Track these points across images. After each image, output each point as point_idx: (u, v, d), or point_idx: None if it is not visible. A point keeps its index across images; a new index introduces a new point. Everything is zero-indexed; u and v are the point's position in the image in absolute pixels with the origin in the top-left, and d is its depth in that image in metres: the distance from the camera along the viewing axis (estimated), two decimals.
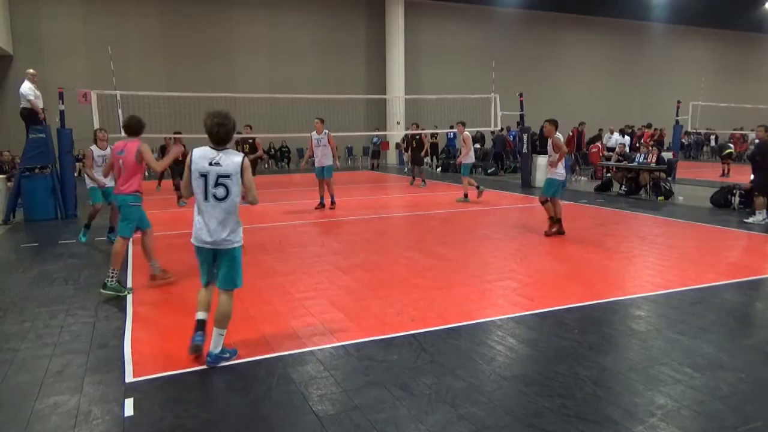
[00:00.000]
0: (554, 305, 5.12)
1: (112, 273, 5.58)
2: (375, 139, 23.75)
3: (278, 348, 4.19)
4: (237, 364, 3.93)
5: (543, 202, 8.54)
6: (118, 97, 12.51)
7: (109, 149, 8.05)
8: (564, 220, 8.63)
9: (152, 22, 21.57)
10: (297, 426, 3.14)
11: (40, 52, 19.68)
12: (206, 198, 3.82)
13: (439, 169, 21.29)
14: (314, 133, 11.43)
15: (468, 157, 12.37)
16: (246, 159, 3.98)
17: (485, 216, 10.57)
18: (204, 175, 3.82)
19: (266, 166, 19.09)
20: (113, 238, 7.71)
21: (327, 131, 11.35)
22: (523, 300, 5.33)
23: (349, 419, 3.18)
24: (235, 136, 12.72)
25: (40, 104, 10.73)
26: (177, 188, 12.22)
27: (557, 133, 8.44)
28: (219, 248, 3.87)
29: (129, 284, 6.03)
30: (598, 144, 18.44)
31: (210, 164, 3.83)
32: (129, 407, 3.34)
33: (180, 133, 13.40)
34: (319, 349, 4.17)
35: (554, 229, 8.46)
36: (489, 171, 19.46)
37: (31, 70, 10.93)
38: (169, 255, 7.47)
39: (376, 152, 23.85)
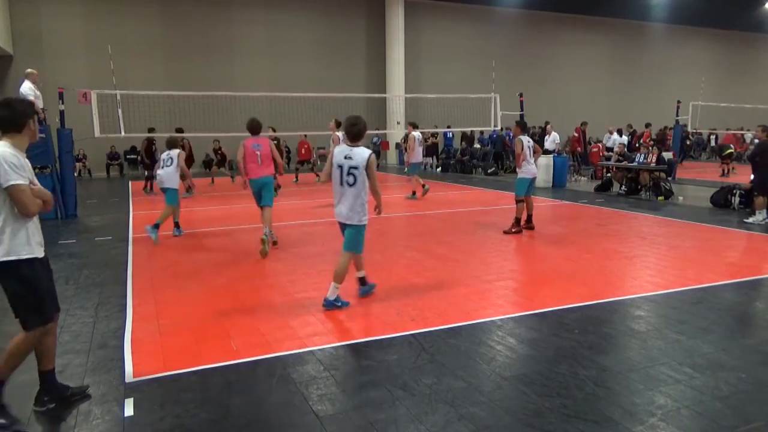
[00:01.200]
0: (554, 305, 5.12)
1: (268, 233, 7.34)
2: (375, 139, 23.74)
3: (278, 348, 4.19)
4: (237, 364, 3.93)
5: (518, 202, 8.71)
6: (118, 97, 12.52)
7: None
8: (564, 220, 8.65)
9: (152, 22, 21.55)
10: (297, 426, 3.14)
11: (40, 52, 19.67)
12: (341, 184, 4.96)
13: (438, 169, 21.29)
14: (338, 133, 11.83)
15: (413, 157, 13.10)
16: (372, 155, 5.00)
17: (485, 216, 10.57)
18: (340, 167, 4.96)
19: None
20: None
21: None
22: (523, 300, 5.33)
23: (349, 419, 3.18)
24: (264, 135, 13.12)
25: (40, 104, 10.72)
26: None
27: (523, 133, 8.77)
28: (346, 222, 5.06)
29: (129, 284, 6.03)
30: (599, 144, 18.45)
31: (344, 158, 4.94)
32: (129, 407, 3.35)
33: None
34: (319, 349, 4.17)
35: (514, 230, 8.64)
36: (489, 171, 19.46)
37: (32, 70, 10.94)
38: (168, 255, 7.48)
39: (376, 152, 23.78)
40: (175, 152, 8.78)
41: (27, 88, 10.56)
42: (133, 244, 8.27)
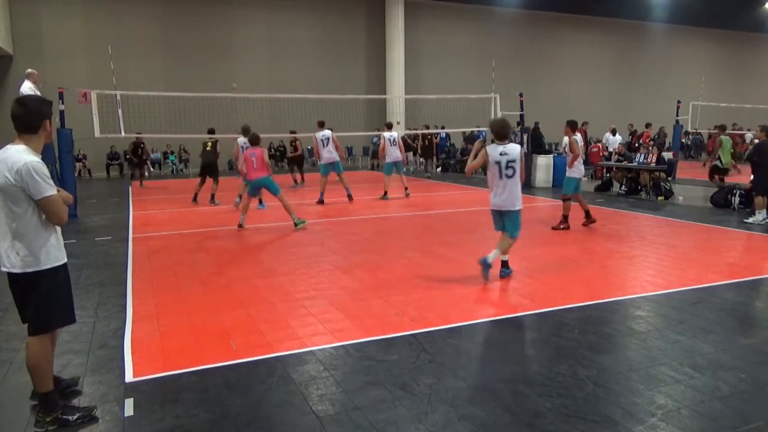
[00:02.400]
0: (554, 305, 5.12)
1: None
2: (375, 139, 23.73)
3: (278, 348, 4.19)
4: (237, 364, 3.93)
5: (565, 200, 8.97)
6: (118, 97, 12.52)
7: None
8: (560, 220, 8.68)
9: (152, 22, 21.55)
10: (297, 426, 3.14)
11: (40, 52, 19.67)
12: (501, 177, 5.70)
13: (439, 169, 21.28)
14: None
15: (389, 157, 13.28)
16: (522, 149, 5.88)
17: (485, 216, 10.52)
18: (498, 162, 5.69)
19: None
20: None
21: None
22: (523, 300, 5.33)
23: (349, 419, 3.18)
24: (282, 136, 13.10)
25: None
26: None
27: (574, 134, 8.99)
28: (510, 209, 5.85)
29: (129, 284, 6.04)
30: (599, 144, 18.44)
31: (500, 154, 5.68)
32: (129, 407, 3.35)
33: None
34: (319, 349, 4.17)
35: (562, 226, 8.89)
36: None
37: (32, 70, 10.93)
38: (168, 255, 7.48)
39: (375, 152, 23.81)
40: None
41: (27, 89, 10.54)
42: (133, 244, 8.27)
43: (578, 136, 9.05)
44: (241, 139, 11.28)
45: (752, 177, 9.99)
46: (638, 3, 27.28)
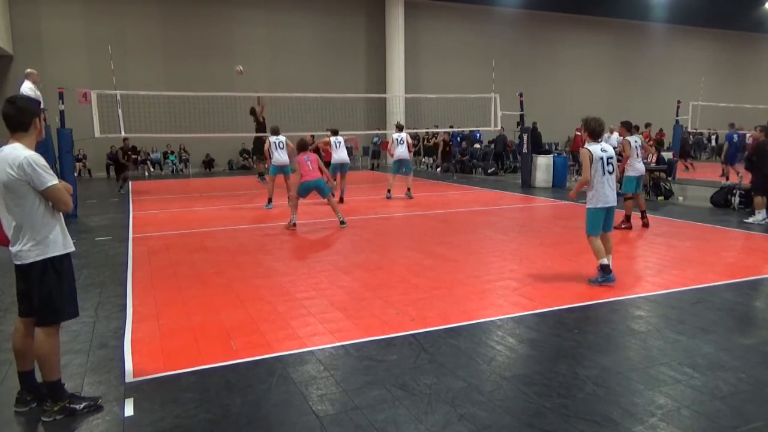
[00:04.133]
0: (554, 305, 5.13)
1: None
2: (375, 139, 23.74)
3: (278, 348, 4.19)
4: (237, 364, 3.93)
5: (626, 199, 8.97)
6: (118, 97, 12.52)
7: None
8: (564, 220, 8.68)
9: (152, 22, 21.55)
10: (297, 426, 3.14)
11: (40, 52, 19.67)
12: (604, 173, 5.77)
13: (439, 169, 21.27)
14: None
15: (396, 156, 13.08)
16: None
17: (485, 216, 10.58)
18: (601, 159, 5.76)
19: (266, 166, 19.23)
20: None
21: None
22: (523, 300, 5.33)
23: (349, 419, 3.18)
24: (306, 136, 13.16)
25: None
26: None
27: (630, 134, 9.01)
28: (612, 205, 5.86)
29: (129, 284, 6.04)
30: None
31: (601, 151, 5.81)
32: (129, 407, 3.35)
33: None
34: (319, 349, 4.17)
35: (624, 225, 8.89)
36: (489, 171, 19.47)
37: (32, 70, 10.93)
38: (168, 255, 7.48)
39: (376, 152, 23.84)
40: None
41: (27, 88, 10.54)
42: (133, 244, 8.27)
43: (635, 137, 9.00)
44: (273, 138, 11.87)
45: (751, 177, 9.99)
46: (638, 3, 27.27)
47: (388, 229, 9.45)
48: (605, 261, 5.72)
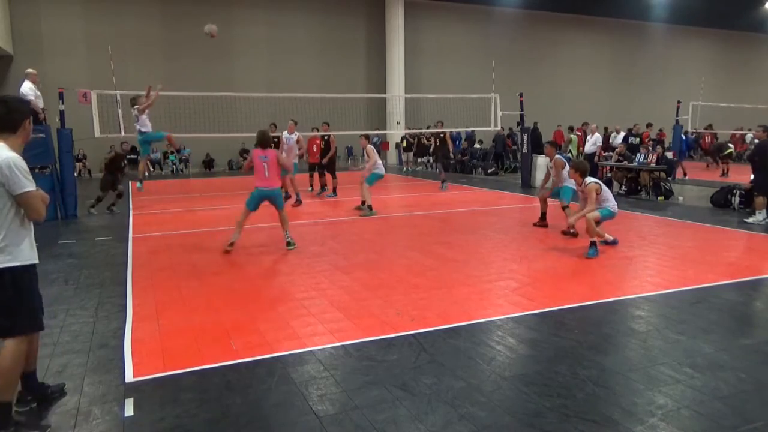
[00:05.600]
0: (554, 305, 5.12)
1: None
2: (375, 139, 23.71)
3: (278, 348, 4.19)
4: (237, 363, 3.93)
5: (563, 208, 9.00)
6: (118, 97, 12.51)
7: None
8: (564, 220, 8.66)
9: (152, 22, 21.55)
10: (297, 426, 3.14)
11: (40, 52, 19.66)
12: None
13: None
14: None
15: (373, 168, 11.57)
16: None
17: (485, 216, 10.57)
18: None
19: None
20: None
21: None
22: (523, 300, 5.33)
23: (349, 419, 3.18)
24: (307, 134, 12.92)
25: (40, 104, 10.73)
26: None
27: (558, 153, 9.25)
28: None
29: (129, 284, 6.03)
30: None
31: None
32: (129, 407, 3.35)
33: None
34: (319, 349, 4.17)
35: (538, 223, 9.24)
36: (489, 171, 19.46)
37: (32, 70, 10.94)
38: (168, 255, 7.48)
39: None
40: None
41: (27, 88, 10.56)
42: (133, 244, 8.27)
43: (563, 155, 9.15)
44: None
45: (752, 177, 9.98)
46: (638, 3, 27.27)
47: (388, 229, 9.44)
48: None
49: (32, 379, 3.40)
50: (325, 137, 13.89)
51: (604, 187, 7.40)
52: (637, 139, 16.37)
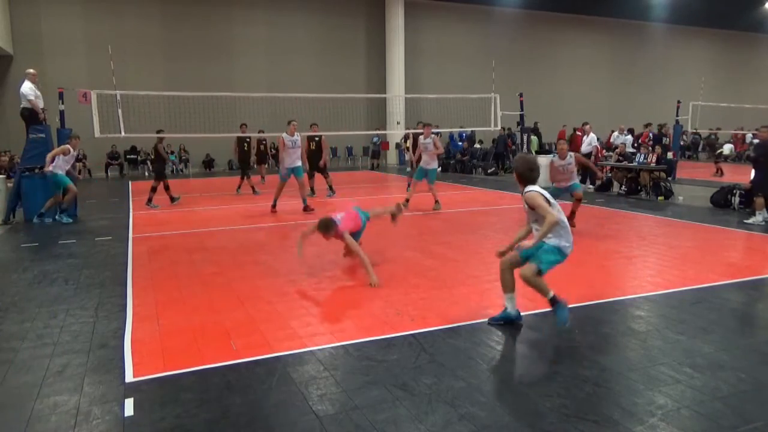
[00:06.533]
0: None
1: None
2: (375, 139, 23.74)
3: (278, 348, 4.19)
4: (237, 363, 3.93)
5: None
6: (118, 97, 12.50)
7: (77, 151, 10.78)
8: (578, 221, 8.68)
9: (152, 22, 21.55)
10: (297, 426, 3.14)
11: (40, 52, 19.66)
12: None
13: (439, 169, 21.25)
14: (422, 137, 11.52)
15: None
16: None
17: (485, 216, 10.57)
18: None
19: (267, 165, 19.24)
20: (65, 219, 10.36)
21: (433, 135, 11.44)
22: (523, 300, 5.31)
23: (349, 419, 3.18)
24: (303, 134, 12.90)
25: (40, 104, 10.73)
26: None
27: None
28: None
29: (129, 284, 6.03)
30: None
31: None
32: (129, 407, 3.34)
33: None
34: (319, 349, 4.17)
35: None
36: (489, 171, 19.46)
37: (32, 70, 10.93)
38: (168, 255, 7.48)
39: (376, 152, 23.85)
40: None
41: (27, 88, 10.56)
42: (133, 244, 8.27)
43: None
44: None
45: (752, 176, 9.97)
46: (638, 3, 27.26)
47: (388, 229, 9.43)
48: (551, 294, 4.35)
49: None
50: (316, 138, 13.79)
51: (554, 202, 4.54)
52: (666, 139, 16.09)
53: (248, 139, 14.79)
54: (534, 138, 17.74)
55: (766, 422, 3.11)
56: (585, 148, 15.70)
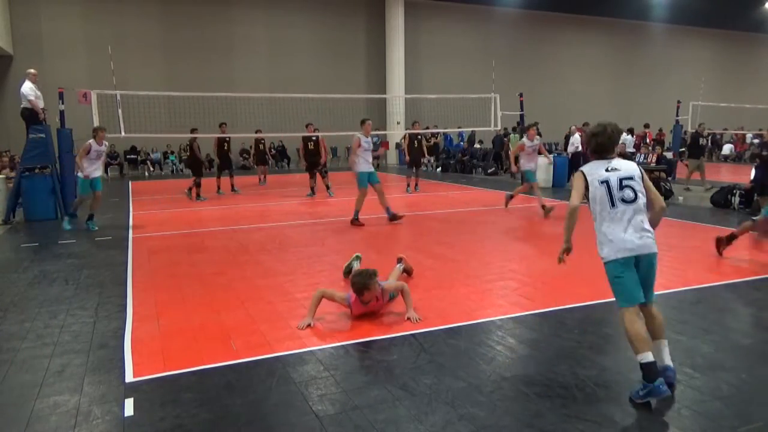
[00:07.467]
0: (554, 305, 5.12)
1: None
2: (375, 139, 23.70)
3: (278, 348, 4.19)
4: (237, 363, 3.93)
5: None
6: (118, 97, 12.52)
7: (105, 145, 9.95)
8: (562, 220, 8.67)
9: (152, 22, 21.56)
10: (297, 426, 3.14)
11: (40, 52, 19.67)
12: (614, 205, 3.78)
13: (438, 169, 21.27)
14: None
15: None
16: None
17: (485, 216, 10.57)
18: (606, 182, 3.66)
19: (267, 165, 19.31)
20: (92, 227, 9.53)
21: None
22: (523, 300, 5.33)
23: (349, 419, 3.18)
24: (299, 134, 12.81)
25: (40, 104, 10.73)
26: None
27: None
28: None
29: (129, 284, 6.03)
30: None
31: (606, 171, 3.65)
32: (129, 407, 3.34)
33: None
34: (319, 349, 4.17)
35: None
36: (489, 171, 19.46)
37: (32, 70, 10.94)
38: (168, 255, 7.48)
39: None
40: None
41: (27, 88, 10.56)
42: (133, 244, 8.27)
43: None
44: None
45: (753, 176, 9.95)
46: (638, 3, 27.27)
47: (388, 229, 9.44)
48: (647, 357, 3.27)
49: None
50: (314, 138, 13.80)
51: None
52: (704, 140, 15.64)
53: (228, 139, 14.68)
54: (514, 137, 17.72)
55: (766, 422, 3.11)
56: (570, 148, 15.84)
